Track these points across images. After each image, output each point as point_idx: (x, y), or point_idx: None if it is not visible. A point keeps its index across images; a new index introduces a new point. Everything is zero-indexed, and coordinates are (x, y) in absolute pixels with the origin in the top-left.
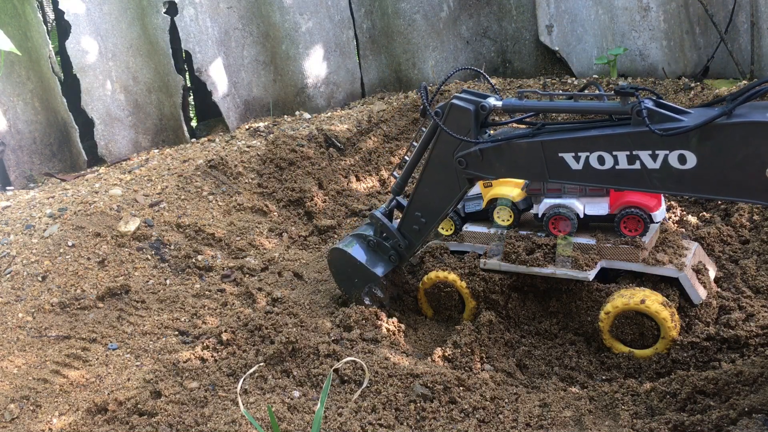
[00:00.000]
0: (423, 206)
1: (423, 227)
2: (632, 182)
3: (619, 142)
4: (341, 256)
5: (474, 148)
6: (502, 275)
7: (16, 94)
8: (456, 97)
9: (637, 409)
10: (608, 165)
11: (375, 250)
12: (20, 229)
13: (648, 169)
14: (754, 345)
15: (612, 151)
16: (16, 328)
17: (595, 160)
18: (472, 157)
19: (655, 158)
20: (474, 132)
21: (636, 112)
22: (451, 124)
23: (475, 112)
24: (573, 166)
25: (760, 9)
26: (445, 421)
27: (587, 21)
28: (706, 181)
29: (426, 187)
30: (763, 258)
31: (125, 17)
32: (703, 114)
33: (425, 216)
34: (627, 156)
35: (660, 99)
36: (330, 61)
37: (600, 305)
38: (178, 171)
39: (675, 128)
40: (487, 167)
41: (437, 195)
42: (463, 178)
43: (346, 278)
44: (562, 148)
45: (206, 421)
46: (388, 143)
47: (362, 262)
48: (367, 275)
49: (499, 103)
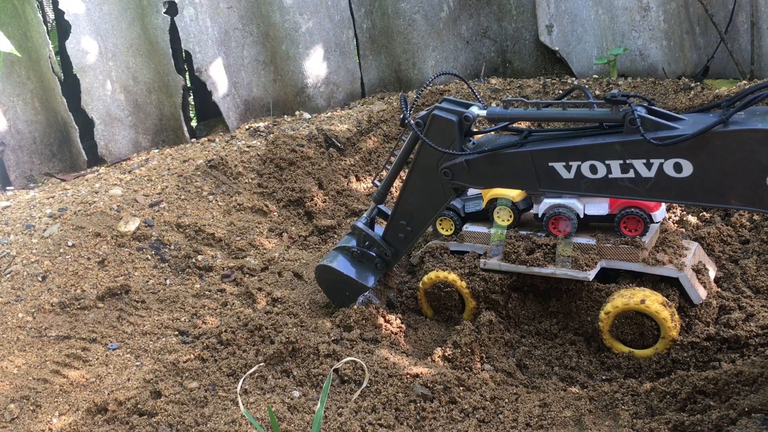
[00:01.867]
0: (408, 214)
1: (408, 235)
2: (626, 191)
3: (611, 151)
4: (327, 272)
5: (460, 159)
6: (502, 275)
7: (16, 94)
8: (438, 108)
9: (637, 409)
10: (601, 174)
11: (360, 260)
12: (20, 229)
13: (642, 177)
14: (754, 345)
15: (605, 160)
16: (16, 328)
17: (587, 169)
18: (458, 168)
19: (650, 167)
20: (458, 143)
21: (629, 121)
22: (434, 135)
23: (458, 122)
24: (564, 176)
25: (760, 9)
26: (445, 421)
27: (587, 21)
28: (703, 189)
29: (410, 196)
30: (763, 258)
31: (125, 17)
32: (699, 121)
33: (410, 224)
34: (620, 165)
35: (652, 105)
36: (330, 61)
37: (600, 305)
38: (178, 171)
39: (671, 137)
40: (474, 178)
41: (422, 203)
42: (449, 188)
43: (338, 293)
44: (553, 157)
45: (206, 421)
46: (388, 143)
47: (349, 275)
48: (356, 287)
49: (483, 113)
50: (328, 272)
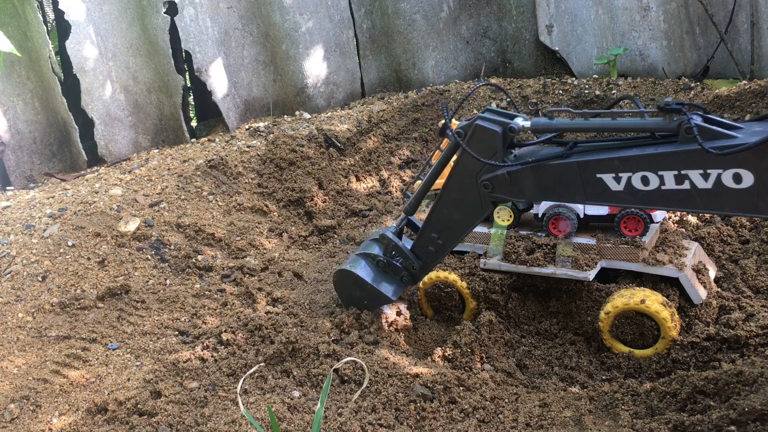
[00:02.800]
0: (441, 227)
1: (439, 249)
2: (679, 203)
3: (665, 161)
4: (348, 277)
5: (501, 171)
6: (502, 275)
7: (16, 94)
8: (481, 118)
9: (637, 409)
10: (653, 186)
11: (385, 270)
12: (20, 229)
13: (698, 189)
14: (754, 345)
15: (658, 170)
16: (16, 328)
17: (638, 180)
18: (499, 181)
19: (707, 177)
20: (501, 155)
21: (685, 130)
22: (475, 146)
23: (502, 133)
24: (613, 188)
25: (760, 9)
26: (445, 421)
27: (587, 21)
28: (764, 200)
29: (445, 208)
30: (763, 258)
31: (125, 17)
32: (758, 129)
33: (442, 238)
34: (674, 176)
35: (708, 114)
36: (330, 61)
37: (600, 305)
38: (178, 171)
39: (732, 146)
40: (516, 191)
41: (457, 217)
42: (487, 201)
43: (355, 300)
44: (601, 168)
45: (206, 421)
46: (388, 143)
47: (373, 284)
48: (377, 298)
49: (527, 123)
50: (350, 277)
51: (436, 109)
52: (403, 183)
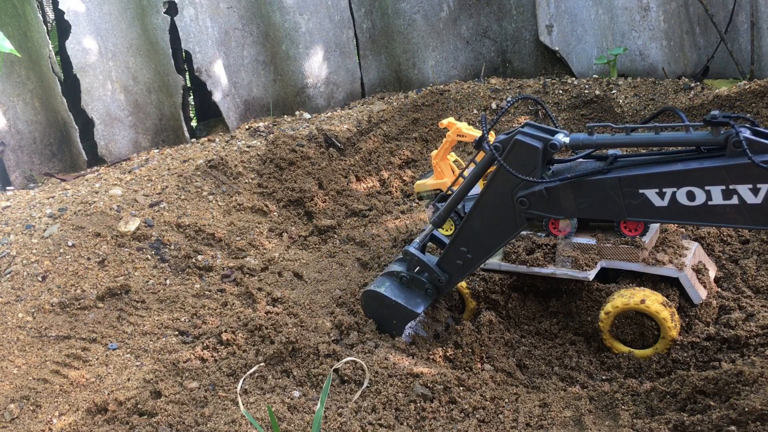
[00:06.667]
0: (471, 242)
1: (467, 263)
2: (727, 219)
3: (712, 176)
4: (375, 298)
5: (539, 186)
6: (502, 275)
7: (16, 94)
8: (521, 132)
9: (637, 409)
10: (699, 201)
11: (409, 286)
12: (20, 229)
13: (748, 204)
14: (754, 345)
15: (704, 185)
16: (16, 328)
17: (683, 196)
18: (536, 197)
19: (757, 192)
20: (540, 171)
21: (733, 143)
22: (514, 161)
23: (543, 149)
24: (657, 203)
25: (760, 9)
26: (445, 421)
27: (587, 21)
28: None
29: (477, 223)
30: (763, 258)
31: (125, 17)
32: None
33: (472, 252)
34: (722, 191)
35: (756, 126)
36: (330, 61)
37: (600, 305)
38: (178, 171)
39: None
40: (554, 207)
41: (489, 232)
42: (521, 218)
43: (385, 321)
44: (644, 184)
45: (206, 421)
46: (388, 143)
47: (398, 301)
48: (404, 314)
49: (567, 140)
50: (376, 298)
51: (436, 109)
52: (403, 183)
